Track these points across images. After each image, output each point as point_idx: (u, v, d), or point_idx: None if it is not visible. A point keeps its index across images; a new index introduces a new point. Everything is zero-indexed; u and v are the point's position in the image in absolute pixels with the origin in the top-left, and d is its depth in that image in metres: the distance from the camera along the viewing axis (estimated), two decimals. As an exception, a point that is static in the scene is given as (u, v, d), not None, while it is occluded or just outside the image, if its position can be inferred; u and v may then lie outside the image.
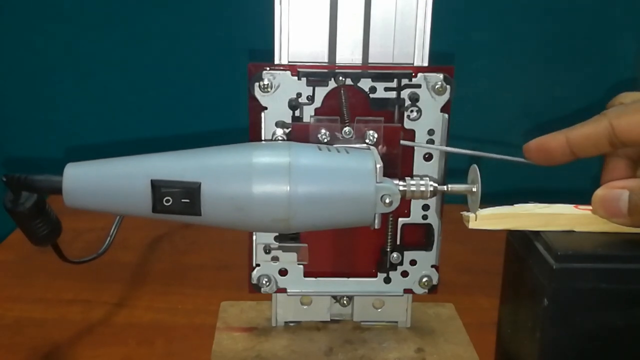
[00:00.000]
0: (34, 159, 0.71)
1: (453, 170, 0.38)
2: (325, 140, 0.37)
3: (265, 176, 0.31)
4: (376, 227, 0.32)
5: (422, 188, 0.33)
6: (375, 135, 0.37)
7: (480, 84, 0.66)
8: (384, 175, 0.32)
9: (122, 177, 0.31)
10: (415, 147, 0.38)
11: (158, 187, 0.31)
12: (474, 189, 0.33)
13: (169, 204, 0.31)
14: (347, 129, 0.37)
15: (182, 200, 0.31)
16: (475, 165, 0.33)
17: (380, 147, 0.37)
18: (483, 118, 0.68)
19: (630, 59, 0.68)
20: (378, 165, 0.32)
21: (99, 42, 0.67)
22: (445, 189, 0.34)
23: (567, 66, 0.68)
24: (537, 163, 0.33)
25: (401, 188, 0.33)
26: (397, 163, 0.37)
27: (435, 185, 0.34)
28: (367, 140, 0.37)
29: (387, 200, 0.32)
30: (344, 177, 0.32)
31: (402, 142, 0.37)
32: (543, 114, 0.70)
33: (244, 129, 0.38)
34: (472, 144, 0.36)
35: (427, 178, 0.34)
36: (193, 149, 0.32)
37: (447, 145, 0.38)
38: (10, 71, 0.69)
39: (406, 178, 0.34)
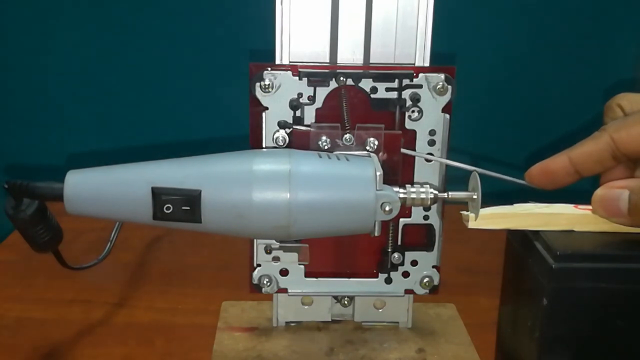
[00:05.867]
0: (35, 165, 0.71)
1: (454, 170, 0.38)
2: (326, 147, 0.37)
3: (265, 183, 0.31)
4: (376, 234, 0.32)
5: (423, 195, 0.33)
6: (376, 143, 0.37)
7: (480, 84, 0.66)
8: (385, 183, 0.32)
9: (123, 184, 0.31)
10: (416, 147, 0.38)
11: (158, 195, 0.31)
12: (475, 196, 0.33)
13: (169, 211, 0.31)
14: (347, 135, 0.37)
15: (183, 208, 0.31)
16: (476, 173, 0.33)
17: (380, 154, 0.37)
18: (484, 118, 0.68)
19: (629, 59, 0.68)
20: (378, 173, 0.32)
21: (98, 47, 0.67)
22: (446, 196, 0.34)
23: (566, 66, 0.68)
24: (541, 187, 0.33)
25: (401, 196, 0.33)
26: (398, 170, 0.37)
27: (436, 192, 0.34)
28: (367, 148, 0.37)
29: (387, 208, 0.32)
30: (344, 184, 0.32)
31: (402, 150, 0.37)
32: (543, 113, 0.70)
33: (244, 135, 0.38)
34: (473, 144, 0.36)
35: (428, 185, 0.34)
36: (193, 156, 0.33)
37: (448, 146, 0.38)
38: (12, 78, 0.69)
39: (406, 185, 0.34)
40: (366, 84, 0.37)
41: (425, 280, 0.40)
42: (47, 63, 0.68)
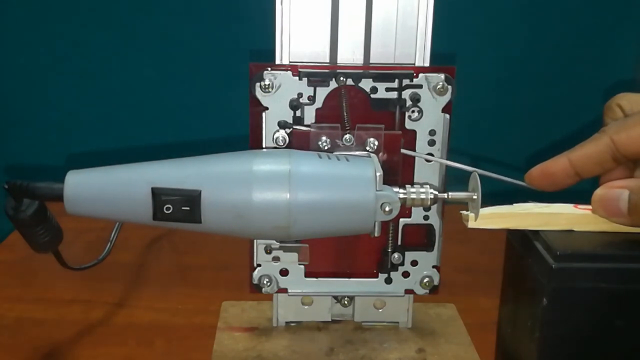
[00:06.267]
0: (35, 166, 0.71)
1: (454, 170, 0.38)
2: (326, 148, 0.37)
3: (265, 184, 0.31)
4: (376, 234, 0.32)
5: (422, 196, 0.33)
6: (376, 143, 0.37)
7: (480, 84, 0.67)
8: (384, 183, 0.32)
9: (123, 184, 0.31)
10: (417, 148, 0.38)
11: (158, 195, 0.31)
12: (475, 197, 0.33)
13: (169, 211, 0.31)
14: (347, 136, 0.37)
15: (183, 208, 0.31)
16: (476, 174, 0.33)
17: (380, 154, 0.37)
18: (483, 118, 0.68)
19: (629, 60, 0.68)
20: (378, 173, 0.32)
21: (98, 46, 0.67)
22: (446, 197, 0.34)
23: (566, 66, 0.68)
24: (541, 189, 0.33)
25: (401, 196, 0.33)
26: (398, 170, 0.37)
27: (436, 193, 0.34)
28: (367, 148, 0.37)
29: (387, 209, 0.32)
30: (344, 185, 0.32)
31: (402, 150, 0.37)
32: (543, 113, 0.70)
33: (244, 135, 0.38)
34: (473, 144, 0.36)
35: (428, 186, 0.34)
36: (193, 156, 0.33)
37: (448, 146, 0.38)
38: (12, 78, 0.69)
39: (406, 186, 0.34)
40: (366, 84, 0.37)
41: (425, 280, 0.40)
42: (48, 63, 0.68)
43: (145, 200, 0.31)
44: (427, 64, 0.38)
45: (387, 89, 0.37)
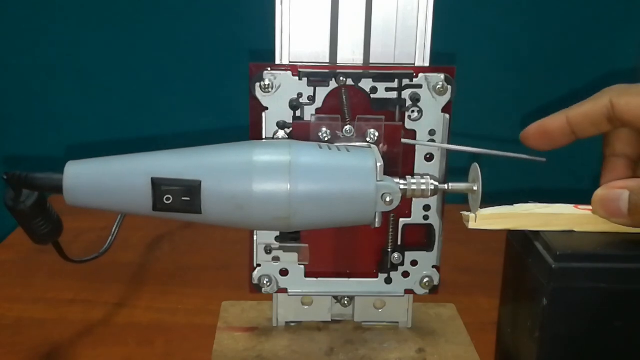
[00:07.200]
0: (34, 157, 0.71)
1: (454, 169, 0.38)
2: (326, 139, 0.37)
3: (265, 174, 0.31)
4: (377, 225, 0.32)
5: (423, 187, 0.33)
6: (377, 134, 0.37)
7: (480, 83, 0.67)
8: (385, 174, 0.32)
9: (123, 175, 0.31)
10: (417, 147, 0.38)
11: (158, 185, 0.31)
12: (475, 188, 0.33)
13: (169, 202, 0.31)
14: (348, 127, 0.37)
15: (183, 199, 0.31)
16: (476, 164, 0.33)
17: (381, 145, 0.37)
18: (484, 118, 0.68)
19: (630, 60, 0.68)
20: (379, 164, 0.32)
21: (99, 41, 0.67)
22: (446, 188, 0.34)
23: (567, 66, 0.68)
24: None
25: (402, 187, 0.33)
26: (398, 162, 0.37)
27: (436, 183, 0.34)
28: (368, 139, 0.37)
29: (388, 199, 0.32)
30: (345, 175, 0.32)
31: (403, 140, 0.37)
32: (543, 114, 0.70)
33: (244, 127, 0.38)
34: (473, 143, 0.36)
35: (428, 177, 0.34)
36: (193, 147, 0.33)
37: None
38: (11, 69, 0.69)
39: (407, 177, 0.34)
40: (366, 84, 0.37)
41: (425, 280, 0.40)
42: (46, 55, 0.68)
43: (145, 191, 0.31)
44: (427, 64, 0.38)
45: (387, 89, 0.37)
